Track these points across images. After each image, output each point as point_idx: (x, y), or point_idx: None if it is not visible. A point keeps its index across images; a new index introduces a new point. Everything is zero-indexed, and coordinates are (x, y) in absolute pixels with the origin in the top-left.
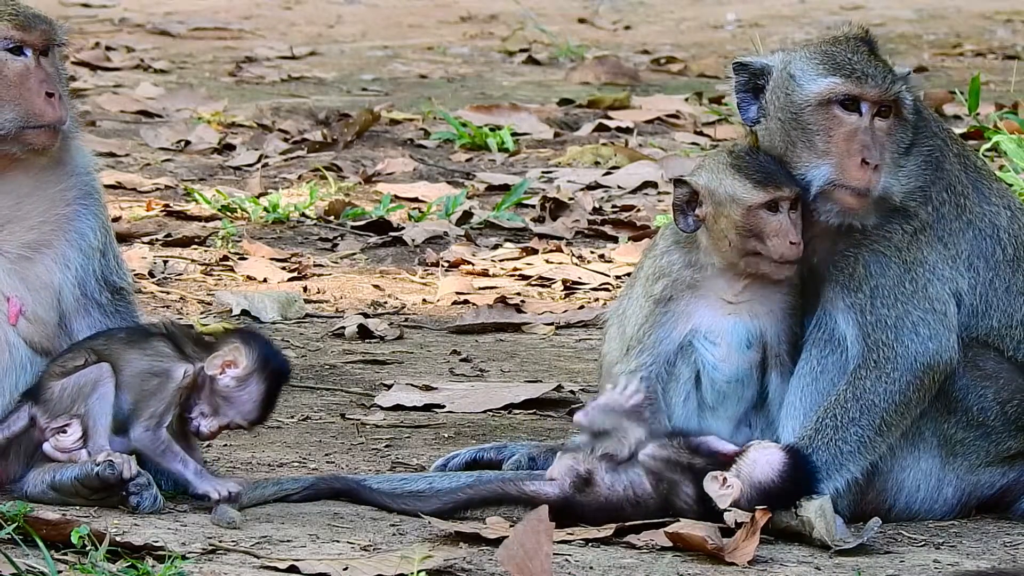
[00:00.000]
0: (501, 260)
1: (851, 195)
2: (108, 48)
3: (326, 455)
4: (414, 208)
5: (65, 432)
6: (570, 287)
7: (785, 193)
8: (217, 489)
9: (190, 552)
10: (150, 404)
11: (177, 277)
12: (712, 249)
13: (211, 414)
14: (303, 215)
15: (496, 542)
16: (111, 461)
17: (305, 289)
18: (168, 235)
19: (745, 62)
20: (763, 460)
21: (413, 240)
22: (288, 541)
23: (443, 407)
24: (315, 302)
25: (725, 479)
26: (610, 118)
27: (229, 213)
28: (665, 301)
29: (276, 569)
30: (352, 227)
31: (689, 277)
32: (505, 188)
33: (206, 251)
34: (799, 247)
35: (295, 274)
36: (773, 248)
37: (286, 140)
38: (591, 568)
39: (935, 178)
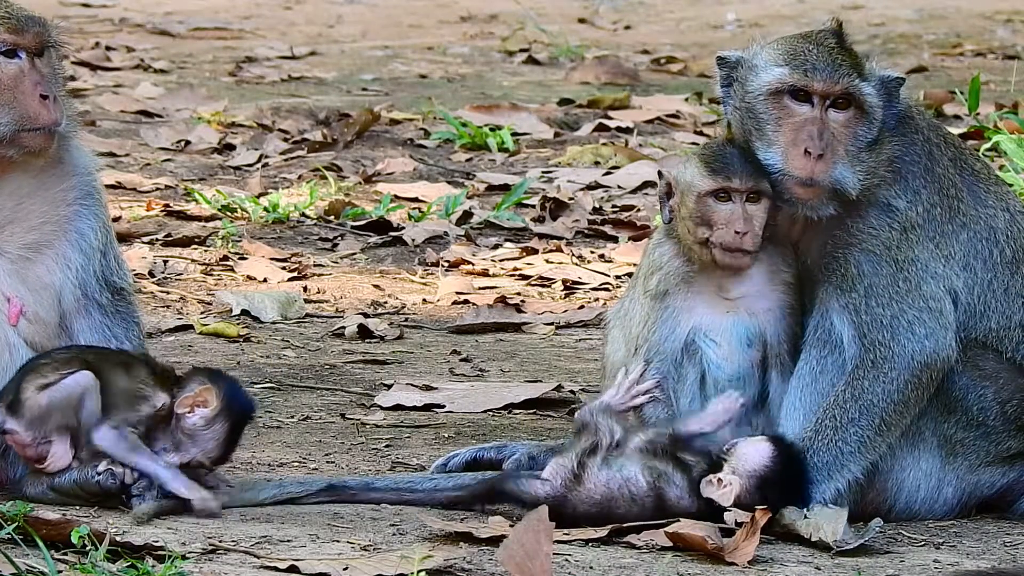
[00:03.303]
0: (501, 260)
1: (796, 184)
2: (108, 48)
3: (326, 455)
4: (414, 208)
5: (50, 450)
6: (570, 287)
7: (734, 184)
8: (188, 490)
9: (190, 552)
10: (120, 411)
11: (177, 277)
12: (680, 238)
13: (173, 450)
14: (303, 215)
15: (496, 542)
16: (112, 470)
17: (305, 289)
18: (168, 235)
19: (724, 55)
20: (752, 451)
21: (413, 240)
22: (288, 541)
23: (443, 407)
24: (315, 302)
25: (720, 479)
26: (610, 118)
27: (229, 213)
28: (662, 295)
29: (276, 569)
30: (352, 227)
31: (681, 269)
32: (505, 188)
33: (206, 251)
34: (747, 238)
35: (295, 274)
36: (719, 236)
37: (286, 140)
38: (591, 568)
39: (926, 180)
